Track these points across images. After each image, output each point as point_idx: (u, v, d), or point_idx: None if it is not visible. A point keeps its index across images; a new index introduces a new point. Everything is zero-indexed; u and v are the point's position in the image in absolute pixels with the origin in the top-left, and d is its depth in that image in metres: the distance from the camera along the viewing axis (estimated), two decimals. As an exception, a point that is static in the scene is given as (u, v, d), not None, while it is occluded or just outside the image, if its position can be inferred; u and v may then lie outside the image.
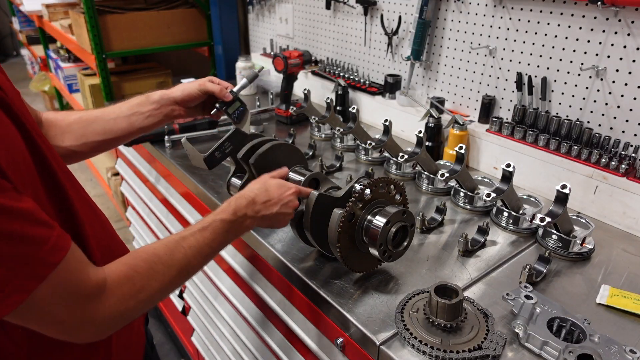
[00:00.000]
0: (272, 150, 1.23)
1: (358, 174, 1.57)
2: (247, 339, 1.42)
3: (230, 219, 0.89)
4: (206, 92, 1.15)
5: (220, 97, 1.17)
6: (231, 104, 1.20)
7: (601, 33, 1.30)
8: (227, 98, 1.18)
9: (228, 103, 1.19)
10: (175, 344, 2.49)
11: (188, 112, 1.18)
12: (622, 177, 1.25)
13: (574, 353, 0.82)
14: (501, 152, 1.51)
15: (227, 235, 0.88)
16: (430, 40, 1.76)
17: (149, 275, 0.74)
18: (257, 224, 0.96)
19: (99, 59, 2.56)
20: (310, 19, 2.31)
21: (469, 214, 1.35)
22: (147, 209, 1.99)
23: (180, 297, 1.96)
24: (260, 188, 0.97)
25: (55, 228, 0.63)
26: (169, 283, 0.77)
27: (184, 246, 0.80)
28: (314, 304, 1.07)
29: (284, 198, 0.98)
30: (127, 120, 1.10)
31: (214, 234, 0.85)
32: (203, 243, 0.83)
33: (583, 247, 1.17)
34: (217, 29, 2.81)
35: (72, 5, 3.35)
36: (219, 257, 1.44)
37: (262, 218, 0.95)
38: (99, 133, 1.07)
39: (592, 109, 1.38)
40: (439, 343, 0.86)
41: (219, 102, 1.19)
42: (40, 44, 4.12)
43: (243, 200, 0.93)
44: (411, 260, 1.13)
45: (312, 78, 2.20)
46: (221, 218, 0.88)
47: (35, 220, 0.61)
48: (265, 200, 0.95)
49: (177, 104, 1.14)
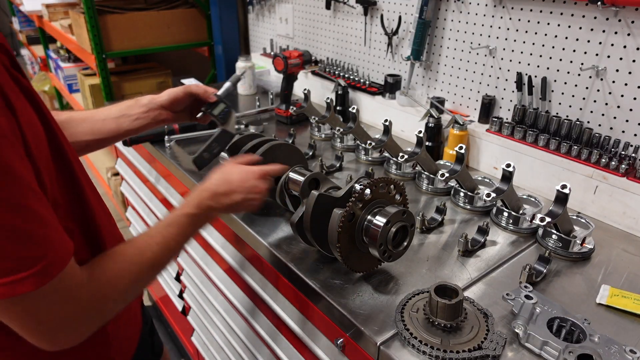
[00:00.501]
0: (272, 150, 1.24)
1: (358, 174, 1.57)
2: (247, 339, 1.42)
3: (194, 212, 0.90)
4: (190, 94, 1.19)
5: (204, 99, 1.20)
6: (216, 106, 1.22)
7: (601, 33, 1.30)
8: (211, 99, 1.20)
9: (213, 105, 1.22)
10: (175, 344, 2.49)
11: (176, 116, 1.21)
12: (622, 177, 1.25)
13: (574, 353, 0.82)
14: (501, 152, 1.51)
15: (193, 228, 0.90)
16: (430, 40, 1.76)
17: (122, 275, 0.76)
18: (223, 212, 0.97)
19: (99, 59, 2.56)
20: (310, 19, 2.31)
21: (469, 214, 1.35)
22: (147, 209, 1.99)
23: (180, 297, 1.96)
24: (220, 179, 0.98)
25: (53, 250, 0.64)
26: (140, 280, 0.80)
27: (152, 244, 0.82)
28: (314, 304, 1.07)
29: (247, 185, 0.99)
30: (115, 122, 1.12)
31: (180, 228, 0.87)
32: (170, 239, 0.85)
33: (583, 247, 1.17)
34: (217, 29, 2.81)
35: (72, 5, 3.35)
36: (219, 257, 1.44)
37: (226, 208, 0.97)
38: (87, 133, 1.09)
39: (592, 109, 1.38)
40: (439, 343, 0.86)
41: (204, 105, 1.22)
42: (40, 44, 4.12)
43: (205, 192, 0.94)
44: (411, 260, 1.13)
45: (312, 78, 2.20)
46: (185, 213, 0.89)
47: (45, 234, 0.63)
48: (226, 190, 0.96)
49: (164, 108, 1.17)
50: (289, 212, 1.31)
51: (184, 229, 0.88)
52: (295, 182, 1.19)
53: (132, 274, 0.77)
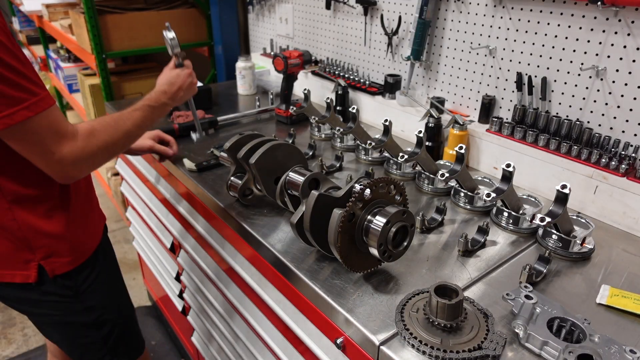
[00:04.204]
0: (272, 150, 1.23)
1: (358, 174, 1.57)
2: (247, 339, 1.42)
3: (154, 105, 1.26)
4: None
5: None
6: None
7: (601, 33, 1.30)
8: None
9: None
10: (175, 344, 2.49)
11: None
12: (622, 177, 1.25)
13: (574, 353, 0.82)
14: (501, 152, 1.51)
15: (152, 115, 1.25)
16: (430, 40, 1.76)
17: (105, 132, 1.08)
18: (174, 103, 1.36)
19: (99, 59, 2.56)
20: (310, 19, 2.31)
21: (469, 214, 1.35)
22: (147, 209, 1.99)
23: (180, 297, 1.96)
24: (165, 83, 1.35)
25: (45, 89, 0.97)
26: (117, 139, 1.11)
27: (124, 119, 1.16)
28: (313, 303, 1.07)
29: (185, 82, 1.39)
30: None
31: (144, 113, 1.22)
32: (137, 118, 1.19)
33: (583, 247, 1.17)
34: (217, 29, 2.81)
35: (72, 5, 3.35)
36: (219, 257, 1.44)
37: (174, 99, 1.35)
38: None
39: (592, 109, 1.38)
40: (439, 343, 0.86)
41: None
42: (40, 44, 4.11)
43: (159, 94, 1.31)
44: (411, 260, 1.13)
45: (312, 78, 2.20)
46: (147, 104, 1.24)
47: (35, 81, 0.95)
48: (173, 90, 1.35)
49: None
50: (289, 212, 1.31)
51: (146, 114, 1.22)
52: (295, 182, 1.19)
53: (110, 135, 1.09)
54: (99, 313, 1.30)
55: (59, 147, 0.98)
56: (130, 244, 3.24)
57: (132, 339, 1.46)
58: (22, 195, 1.08)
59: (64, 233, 1.16)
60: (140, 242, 2.27)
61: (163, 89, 1.32)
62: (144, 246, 2.22)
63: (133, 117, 1.18)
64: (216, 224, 1.45)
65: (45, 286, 1.18)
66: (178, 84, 1.36)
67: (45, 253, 1.15)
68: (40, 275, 1.15)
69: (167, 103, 1.31)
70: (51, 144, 0.97)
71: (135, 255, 3.15)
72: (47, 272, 1.16)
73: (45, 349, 2.49)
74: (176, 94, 1.35)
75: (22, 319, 2.72)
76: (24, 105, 0.92)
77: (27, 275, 1.15)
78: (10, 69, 0.90)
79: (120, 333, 1.38)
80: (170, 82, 1.35)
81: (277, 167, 1.25)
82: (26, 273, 1.14)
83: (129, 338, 1.44)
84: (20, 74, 0.92)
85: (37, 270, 1.15)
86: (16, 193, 1.07)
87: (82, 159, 1.02)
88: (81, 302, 1.25)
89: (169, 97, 1.32)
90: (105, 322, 1.33)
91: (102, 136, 1.07)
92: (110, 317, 1.33)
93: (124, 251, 3.26)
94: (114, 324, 1.35)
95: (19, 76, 0.92)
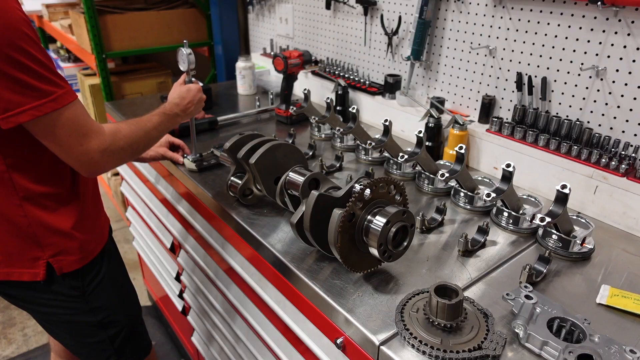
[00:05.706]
0: (272, 150, 1.24)
1: (358, 174, 1.57)
2: (247, 339, 1.42)
3: (169, 113, 1.34)
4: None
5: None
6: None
7: (601, 33, 1.30)
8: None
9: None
10: (175, 344, 2.49)
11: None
12: (622, 177, 1.25)
13: (574, 353, 0.82)
14: (501, 152, 1.51)
15: (167, 122, 1.32)
16: (430, 40, 1.76)
17: (129, 130, 1.16)
18: (185, 116, 1.41)
19: (99, 59, 2.56)
20: (310, 19, 2.31)
21: (469, 214, 1.35)
22: (147, 209, 2.00)
23: (180, 297, 1.96)
24: (177, 97, 1.42)
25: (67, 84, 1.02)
26: (139, 138, 1.19)
27: (144, 121, 1.24)
28: (313, 303, 1.07)
29: (195, 98, 1.44)
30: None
31: (161, 118, 1.29)
32: (155, 122, 1.27)
33: (583, 247, 1.17)
34: (217, 29, 2.81)
35: (72, 5, 3.35)
36: (219, 257, 1.44)
37: (185, 112, 1.41)
38: None
39: (592, 109, 1.38)
40: (439, 343, 0.86)
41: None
42: (40, 44, 4.12)
43: (172, 105, 1.38)
44: (411, 260, 1.13)
45: (312, 78, 2.20)
46: (163, 112, 1.32)
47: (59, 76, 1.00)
48: (185, 103, 1.41)
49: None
50: (289, 212, 1.31)
51: (163, 120, 1.30)
52: (295, 182, 1.19)
53: (133, 133, 1.16)
54: (105, 314, 1.31)
55: (86, 139, 1.03)
56: (130, 244, 3.24)
57: (139, 339, 1.47)
58: (33, 191, 1.10)
59: (73, 231, 1.18)
60: (140, 242, 2.27)
61: (176, 102, 1.39)
62: (144, 246, 2.22)
63: (152, 121, 1.26)
64: (216, 224, 1.45)
65: (53, 286, 1.19)
66: (189, 98, 1.42)
67: (54, 251, 1.16)
68: (48, 273, 1.16)
69: (178, 114, 1.38)
70: (79, 136, 1.02)
71: (135, 255, 3.14)
72: (55, 270, 1.17)
73: (45, 349, 2.50)
74: (187, 107, 1.41)
75: (22, 319, 2.72)
76: (51, 98, 0.96)
77: (35, 274, 1.15)
78: (37, 62, 0.93)
79: (127, 334, 1.39)
80: (182, 96, 1.41)
81: (277, 167, 1.25)
82: (35, 271, 1.15)
83: (136, 338, 1.45)
84: (47, 68, 0.95)
85: (46, 268, 1.16)
86: (28, 189, 1.09)
87: (110, 152, 1.08)
88: (88, 302, 1.26)
89: (181, 109, 1.38)
90: (112, 323, 1.34)
91: (127, 133, 1.14)
92: (116, 318, 1.34)
93: (124, 251, 3.26)
94: (120, 325, 1.36)
95: (46, 69, 0.95)
